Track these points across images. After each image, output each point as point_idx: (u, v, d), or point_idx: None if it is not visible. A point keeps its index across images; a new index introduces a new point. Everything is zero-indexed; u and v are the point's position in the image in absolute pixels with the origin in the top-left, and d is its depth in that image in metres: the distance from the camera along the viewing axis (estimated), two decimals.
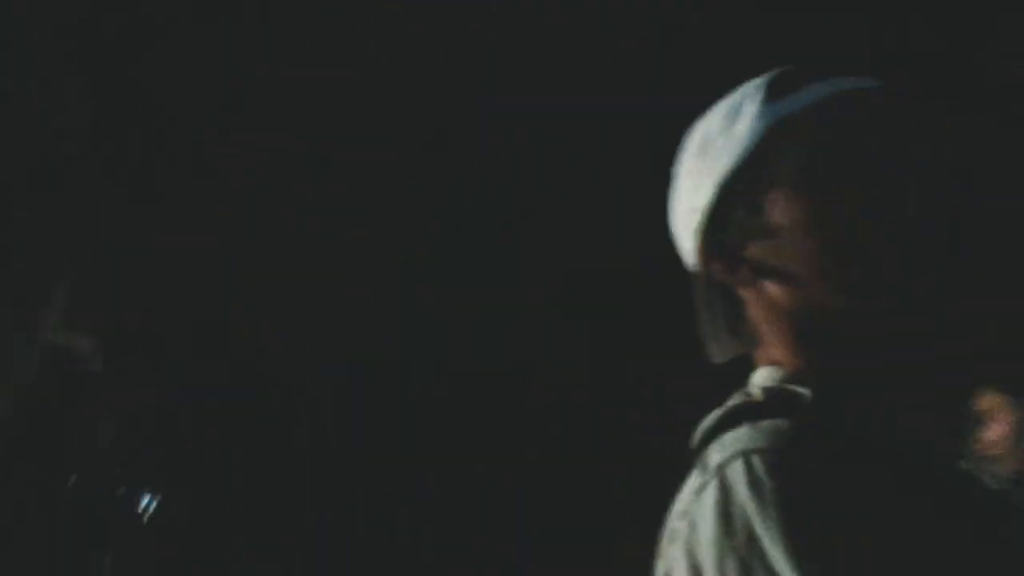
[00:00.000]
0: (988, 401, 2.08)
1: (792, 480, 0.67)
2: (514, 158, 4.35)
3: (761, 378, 0.83)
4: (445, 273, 4.66)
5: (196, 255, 4.44)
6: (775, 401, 0.77)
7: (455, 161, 4.39)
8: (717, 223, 0.84)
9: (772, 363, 0.83)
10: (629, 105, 4.36)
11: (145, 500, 3.42)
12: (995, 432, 2.01)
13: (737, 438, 0.72)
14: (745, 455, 0.70)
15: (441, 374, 4.70)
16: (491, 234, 4.50)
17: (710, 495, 0.70)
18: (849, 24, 4.27)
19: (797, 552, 0.64)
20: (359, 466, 4.72)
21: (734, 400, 0.79)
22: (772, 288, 0.81)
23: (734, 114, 0.84)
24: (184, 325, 4.49)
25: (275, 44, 3.92)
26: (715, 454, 0.73)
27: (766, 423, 0.73)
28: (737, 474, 0.69)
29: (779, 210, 0.80)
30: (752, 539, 0.66)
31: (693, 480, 0.74)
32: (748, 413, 0.75)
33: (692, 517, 0.72)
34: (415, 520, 4.75)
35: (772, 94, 0.83)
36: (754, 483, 0.68)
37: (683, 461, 0.80)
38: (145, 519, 3.40)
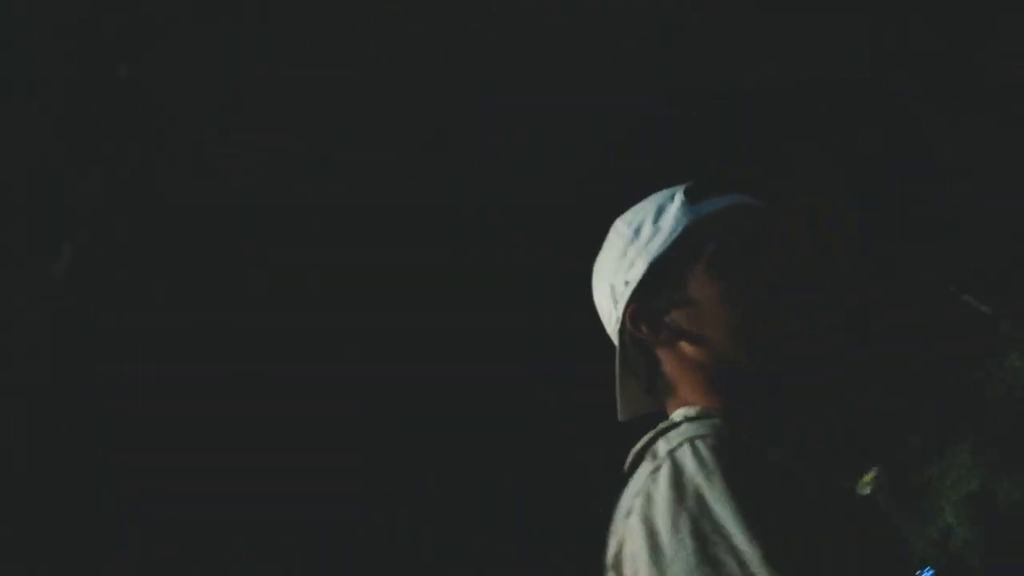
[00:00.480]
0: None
1: (730, 458, 0.89)
2: (514, 158, 4.35)
3: (677, 415, 1.03)
4: (445, 271, 4.66)
5: (196, 253, 4.44)
6: (695, 421, 0.99)
7: (455, 161, 4.40)
8: (645, 293, 1.07)
9: (684, 406, 1.03)
10: (628, 105, 4.36)
11: None
12: None
13: (680, 432, 0.95)
14: (691, 441, 0.91)
15: (444, 374, 4.71)
16: (492, 233, 4.51)
17: (664, 473, 0.90)
18: (849, 24, 4.28)
19: (739, 510, 0.85)
20: (359, 466, 4.73)
21: (661, 425, 1.01)
22: (687, 346, 1.05)
23: (660, 211, 1.10)
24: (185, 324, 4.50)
25: (275, 44, 3.93)
26: (663, 445, 0.94)
27: (704, 420, 0.96)
28: (686, 455, 0.90)
29: (697, 285, 1.05)
30: (701, 502, 0.87)
31: (643, 469, 0.95)
32: (683, 419, 0.99)
33: (648, 492, 0.91)
34: (415, 520, 4.76)
35: (690, 198, 1.09)
36: (700, 461, 0.89)
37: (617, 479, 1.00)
38: None
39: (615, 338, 1.11)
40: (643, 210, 1.12)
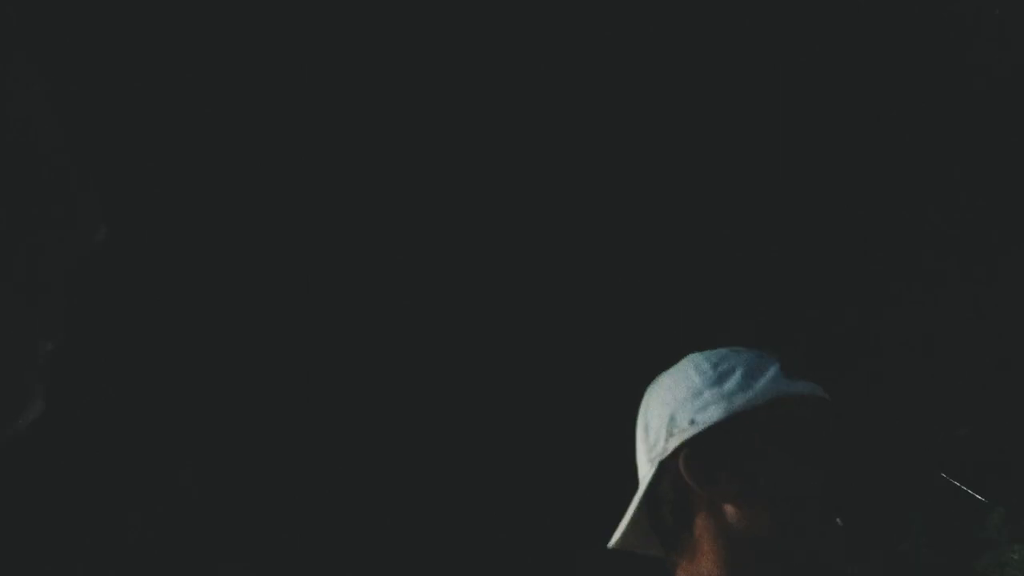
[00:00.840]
0: None
1: None
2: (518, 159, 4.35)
3: None
4: (444, 270, 4.66)
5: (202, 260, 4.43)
6: None
7: (455, 162, 4.39)
8: (706, 442, 1.06)
9: None
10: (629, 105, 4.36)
11: None
12: None
13: None
14: None
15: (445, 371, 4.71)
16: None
17: None
18: (845, 26, 4.29)
19: None
20: (355, 465, 4.72)
21: None
22: (733, 512, 1.04)
23: (753, 370, 1.09)
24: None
25: (275, 45, 3.92)
26: None
27: None
28: None
29: (766, 459, 1.05)
30: None
31: None
32: None
33: None
34: (410, 517, 4.76)
35: (785, 371, 1.10)
36: None
37: None
38: None
39: (650, 466, 1.09)
40: (732, 360, 1.12)
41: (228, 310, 4.45)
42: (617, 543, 1.12)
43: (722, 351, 1.14)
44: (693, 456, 1.06)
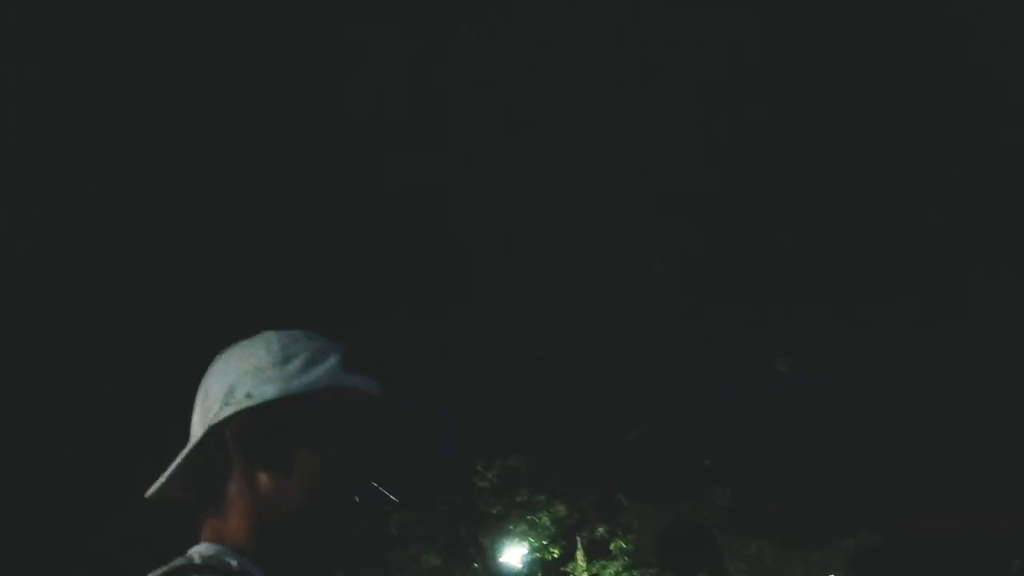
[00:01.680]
0: None
1: None
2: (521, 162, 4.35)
3: (199, 550, 1.15)
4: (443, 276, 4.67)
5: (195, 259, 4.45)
6: (210, 565, 1.12)
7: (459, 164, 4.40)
8: (257, 416, 1.16)
9: (215, 540, 1.15)
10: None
11: None
12: None
13: None
14: None
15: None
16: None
17: None
18: (842, 25, 4.30)
19: None
20: None
21: (176, 562, 1.13)
22: (266, 479, 1.15)
23: (316, 359, 1.20)
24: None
25: (274, 50, 3.95)
26: None
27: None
28: None
29: (306, 435, 1.16)
30: None
31: None
32: (188, 570, 1.11)
33: None
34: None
35: (347, 364, 1.20)
36: None
37: None
38: None
39: (201, 429, 1.17)
40: (300, 344, 1.21)
41: (225, 306, 4.48)
42: (154, 494, 1.21)
43: (296, 334, 1.22)
44: (241, 427, 1.14)
